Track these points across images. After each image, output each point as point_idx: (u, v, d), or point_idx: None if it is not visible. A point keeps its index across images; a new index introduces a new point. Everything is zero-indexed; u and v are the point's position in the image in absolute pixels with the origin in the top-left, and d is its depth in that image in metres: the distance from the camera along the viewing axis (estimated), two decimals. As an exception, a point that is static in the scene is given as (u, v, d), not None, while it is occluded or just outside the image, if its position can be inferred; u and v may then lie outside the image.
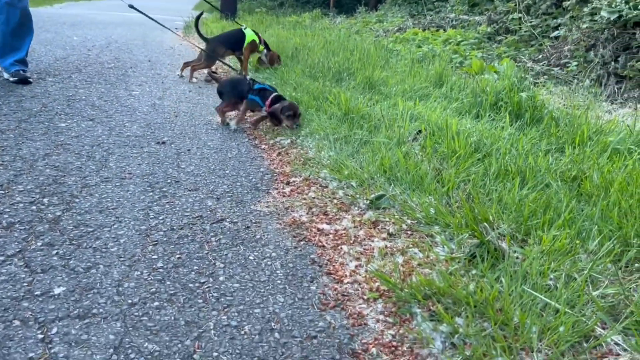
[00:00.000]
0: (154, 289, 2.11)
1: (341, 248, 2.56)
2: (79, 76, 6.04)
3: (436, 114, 4.57)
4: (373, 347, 1.87)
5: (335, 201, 3.07)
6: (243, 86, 4.60)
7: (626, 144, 3.91)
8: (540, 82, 7.19)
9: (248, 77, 4.76)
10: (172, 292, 2.11)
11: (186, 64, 6.65)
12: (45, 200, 2.85)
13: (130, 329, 1.86)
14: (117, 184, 3.15)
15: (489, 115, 4.91)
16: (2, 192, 2.87)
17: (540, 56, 8.42)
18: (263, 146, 4.15)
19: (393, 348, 1.87)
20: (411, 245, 2.53)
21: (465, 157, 3.41)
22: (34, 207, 2.74)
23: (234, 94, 4.64)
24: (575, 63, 7.60)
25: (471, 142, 3.61)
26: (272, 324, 1.96)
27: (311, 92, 5.28)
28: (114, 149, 3.77)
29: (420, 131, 4.05)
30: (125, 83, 5.96)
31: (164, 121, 4.64)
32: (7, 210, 2.67)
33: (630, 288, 2.04)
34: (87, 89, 5.47)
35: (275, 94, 4.44)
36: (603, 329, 1.87)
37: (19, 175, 3.12)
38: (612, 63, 7.38)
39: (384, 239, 2.63)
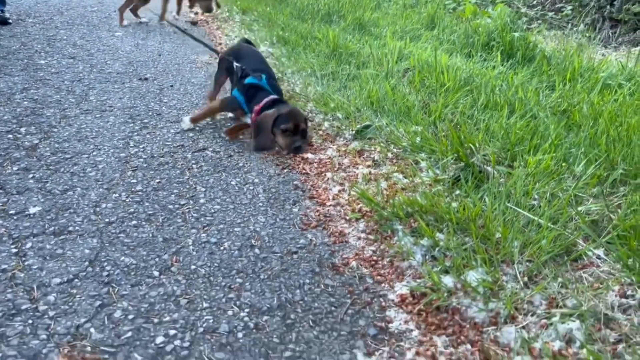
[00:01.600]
0: (132, 210, 2.07)
1: (325, 175, 2.52)
2: (61, 18, 5.86)
3: (426, 53, 4.46)
4: (353, 261, 1.85)
5: (320, 133, 3.02)
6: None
7: (617, 80, 3.85)
8: (534, 27, 7.04)
9: (230, 58, 3.25)
10: (150, 212, 2.07)
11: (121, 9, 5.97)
12: (22, 129, 2.77)
13: (106, 244, 1.83)
14: (97, 115, 3.07)
15: (481, 55, 4.81)
16: (-22, 122, 2.80)
17: (534, 2, 8.23)
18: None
19: (373, 262, 1.85)
20: (396, 171, 2.49)
21: (454, 90, 3.35)
22: (10, 136, 2.67)
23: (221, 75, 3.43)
24: (570, 7, 7.44)
25: (460, 76, 3.53)
26: (253, 241, 1.93)
27: (299, 32, 5.15)
28: (95, 84, 3.67)
29: (408, 69, 3.96)
30: (109, 25, 5.79)
31: (147, 60, 4.52)
32: (-17, 138, 2.61)
33: (614, 204, 2.02)
34: (68, 30, 5.30)
35: (273, 97, 2.85)
36: (585, 243, 1.85)
37: (-5, 107, 3.04)
38: (608, 7, 7.23)
39: (368, 166, 2.59)
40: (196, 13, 6.62)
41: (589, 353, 1.37)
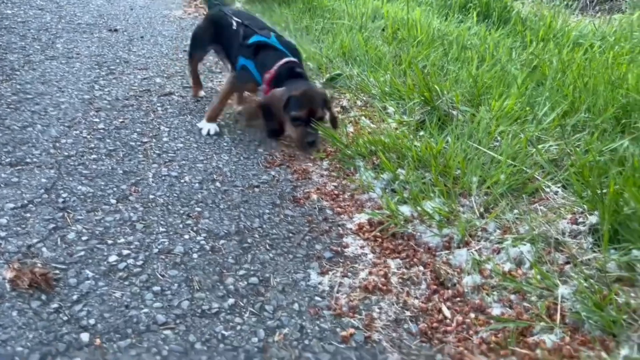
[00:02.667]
0: (92, 145, 2.05)
1: (293, 120, 2.50)
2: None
3: (403, 12, 4.43)
4: (314, 194, 1.85)
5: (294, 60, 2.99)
6: (227, 32, 2.39)
7: (589, 39, 3.88)
8: (513, -7, 7.03)
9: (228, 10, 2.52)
10: (111, 148, 2.04)
11: None
12: (-16, 72, 2.70)
13: (64, 175, 1.80)
14: (63, 61, 3.00)
15: (457, 16, 4.80)
16: (-63, 63, 2.72)
17: (515, -32, 8.19)
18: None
19: (334, 196, 1.86)
20: (364, 117, 2.49)
21: (426, 44, 3.33)
22: (-30, 78, 2.60)
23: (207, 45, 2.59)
24: (549, -26, 7.42)
25: (433, 31, 3.52)
26: (214, 176, 1.92)
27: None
28: (63, 33, 3.58)
29: (384, 29, 3.93)
30: None
31: (119, 13, 4.42)
32: (-58, 78, 2.54)
33: (574, 144, 2.04)
34: (37, -17, 5.15)
35: (288, 59, 2.19)
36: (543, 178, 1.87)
37: (-43, 51, 2.95)
38: (587, -26, 7.22)
39: (337, 112, 2.58)
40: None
41: (537, 272, 1.40)
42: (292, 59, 2.19)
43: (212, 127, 2.29)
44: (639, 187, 1.64)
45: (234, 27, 2.33)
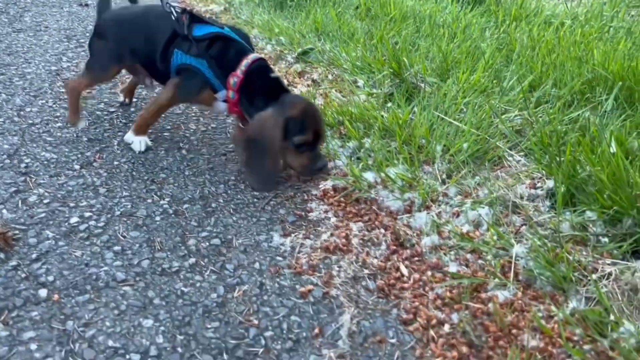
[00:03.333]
0: (58, 114, 2.03)
1: (263, 93, 2.50)
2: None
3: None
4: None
5: (263, 56, 2.98)
6: (160, 26, 1.75)
7: (561, 18, 3.92)
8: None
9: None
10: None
11: None
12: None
13: (28, 142, 1.79)
14: (31, 34, 2.95)
15: (433, -2, 4.80)
16: None
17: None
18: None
19: (300, 163, 1.87)
20: (334, 90, 2.50)
21: (399, 20, 3.34)
22: None
23: (128, 49, 1.82)
24: (526, -43, 7.44)
25: (406, 8, 3.53)
26: (181, 144, 1.92)
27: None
28: (31, 7, 3.52)
29: (357, 6, 3.93)
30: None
31: (90, -12, 4.34)
32: None
33: (537, 114, 2.08)
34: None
35: (256, 55, 1.72)
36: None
37: None
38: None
39: (307, 85, 2.59)
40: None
41: (493, 232, 1.43)
42: (260, 55, 1.71)
43: (142, 141, 1.83)
44: (595, 153, 1.69)
45: (174, 16, 1.71)
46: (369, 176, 1.72)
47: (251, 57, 1.66)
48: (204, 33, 1.67)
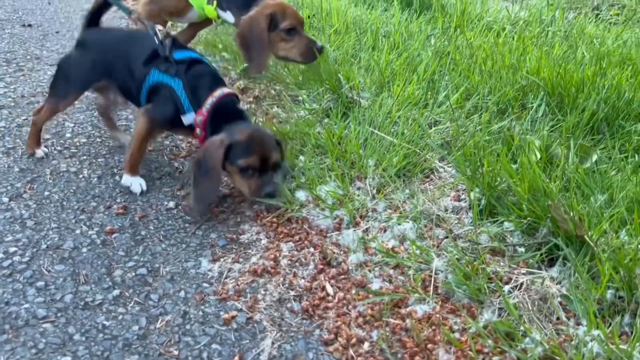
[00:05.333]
0: (-11, 144, 2.01)
1: (205, 112, 2.51)
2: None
3: (327, 2, 4.48)
4: (215, 184, 1.88)
5: (230, 90, 2.99)
6: (142, 46, 1.83)
7: (502, 24, 4.03)
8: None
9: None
10: (10, 146, 2.01)
11: None
12: None
13: (-46, 175, 1.77)
14: None
15: (382, 5, 4.88)
16: None
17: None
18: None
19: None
20: (275, 107, 2.53)
21: (342, 33, 3.39)
22: None
23: (108, 64, 1.86)
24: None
25: (350, 20, 3.59)
26: (115, 170, 1.92)
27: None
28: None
29: (309, 16, 3.96)
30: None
31: (35, 7, 4.29)
32: None
33: (466, 125, 2.14)
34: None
35: (225, 91, 1.79)
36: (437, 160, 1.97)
37: None
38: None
39: (249, 102, 2.61)
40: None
41: (415, 247, 1.48)
42: (227, 91, 1.77)
43: (138, 183, 1.80)
44: (516, 162, 1.76)
45: (158, 39, 1.78)
46: (301, 195, 1.75)
47: (217, 93, 1.73)
48: (183, 57, 1.78)
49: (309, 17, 3.99)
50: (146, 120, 1.75)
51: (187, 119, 1.75)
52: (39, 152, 1.95)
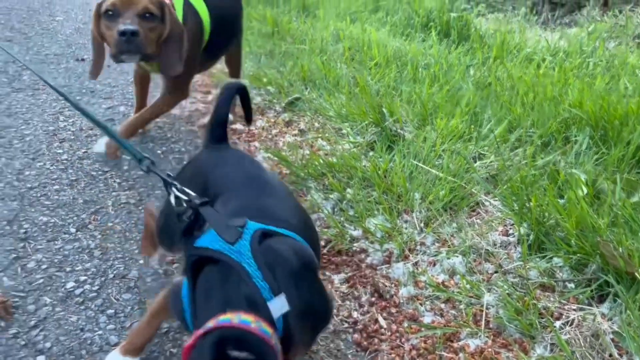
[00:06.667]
0: (55, 176, 2.13)
1: (252, 144, 2.61)
2: (-1, 3, 5.75)
3: (365, 34, 4.59)
4: (266, 216, 1.96)
5: (252, 106, 3.10)
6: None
7: (542, 54, 4.06)
8: (476, 10, 7.26)
9: None
10: (73, 178, 2.13)
11: None
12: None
13: (26, 206, 1.89)
14: (30, 94, 3.08)
15: (419, 35, 4.96)
16: None
17: (478, -14, 8.45)
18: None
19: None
20: (320, 139, 2.61)
21: (383, 65, 3.48)
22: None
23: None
24: (511, -9, 7.68)
25: (390, 53, 3.67)
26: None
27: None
28: (30, 65, 3.66)
29: (350, 48, 4.08)
30: (50, 10, 5.71)
31: (87, 42, 4.50)
32: None
33: (512, 160, 2.18)
34: (6, 15, 5.22)
35: (225, 323, 0.86)
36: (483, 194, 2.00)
37: None
38: (548, -10, 7.48)
39: (294, 135, 2.70)
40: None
41: (465, 282, 1.52)
42: (243, 323, 0.86)
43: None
44: (563, 197, 1.79)
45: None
46: (351, 228, 1.81)
47: (219, 321, 0.87)
48: (199, 246, 1.03)
49: (349, 48, 4.10)
50: (162, 303, 1.24)
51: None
52: (153, 260, 1.64)
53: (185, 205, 1.08)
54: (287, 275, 0.95)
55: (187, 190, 1.10)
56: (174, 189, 1.13)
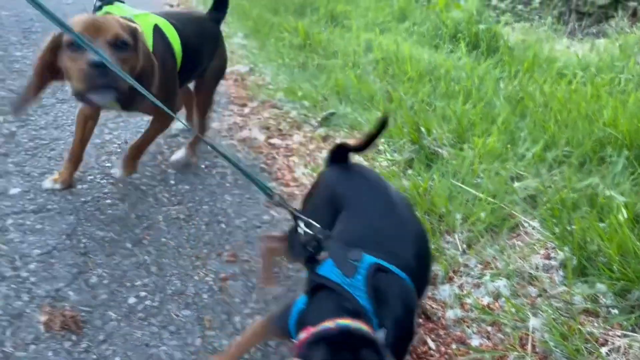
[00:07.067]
0: (106, 190, 2.22)
1: (291, 159, 2.68)
2: (34, 10, 5.89)
3: (395, 45, 4.64)
4: (311, 233, 2.02)
5: (288, 120, 3.18)
6: None
7: (573, 69, 4.07)
8: (504, 20, 7.26)
9: None
10: (124, 192, 2.22)
11: None
12: (0, 118, 2.88)
13: (82, 220, 1.97)
14: (73, 105, 3.18)
15: (447, 47, 4.99)
16: (-43, 111, 2.90)
17: (505, -6, 8.43)
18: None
19: (330, 234, 2.02)
20: (357, 156, 2.66)
21: (416, 80, 3.53)
22: (-11, 124, 2.78)
23: None
24: (538, 0, 7.67)
25: (422, 66, 3.72)
26: (219, 217, 2.10)
27: (271, 24, 5.30)
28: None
29: (378, 61, 4.14)
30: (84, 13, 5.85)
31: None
32: (-37, 126, 2.72)
33: (552, 181, 2.21)
34: (44, 22, 5.36)
35: (352, 325, 1.03)
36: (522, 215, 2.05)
37: (-26, 97, 3.14)
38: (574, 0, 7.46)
39: (332, 150, 2.76)
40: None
41: (510, 305, 1.56)
42: (365, 331, 1.02)
43: None
44: (604, 221, 1.82)
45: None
46: (394, 248, 1.86)
47: (335, 323, 1.03)
48: (321, 273, 1.18)
49: (379, 60, 4.16)
50: (265, 324, 1.35)
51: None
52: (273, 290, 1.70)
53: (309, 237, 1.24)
54: (392, 318, 1.08)
55: (312, 222, 1.25)
56: (300, 223, 1.27)
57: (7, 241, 1.80)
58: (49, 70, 1.76)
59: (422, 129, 2.52)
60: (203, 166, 2.53)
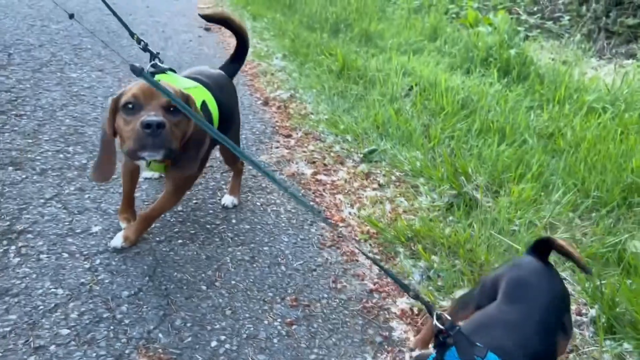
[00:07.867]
0: (176, 229, 2.46)
1: (337, 197, 2.90)
2: (78, 24, 6.17)
3: (428, 69, 4.83)
4: (362, 278, 2.25)
5: (332, 154, 3.40)
6: None
7: (602, 102, 4.22)
8: (533, 36, 7.38)
9: None
10: (192, 231, 2.46)
11: None
12: (70, 148, 3.15)
13: (160, 261, 2.22)
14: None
15: (479, 70, 5.16)
16: (31, 141, 3.17)
17: (535, 8, 8.52)
18: (263, 99, 4.43)
19: (379, 280, 2.25)
20: (398, 195, 2.88)
21: (452, 114, 3.72)
22: (61, 155, 3.05)
23: None
24: (567, 17, 7.76)
25: (459, 100, 3.91)
26: (279, 259, 2.33)
27: (308, 43, 5.51)
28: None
29: (412, 87, 4.34)
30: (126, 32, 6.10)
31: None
32: (38, 158, 2.99)
33: (582, 233, 2.41)
34: (90, 38, 5.63)
35: None
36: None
37: (42, 125, 3.41)
38: (604, 18, 7.55)
39: (374, 189, 2.98)
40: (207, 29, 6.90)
41: (546, 360, 1.77)
42: None
43: None
44: (632, 279, 2.01)
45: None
46: (440, 297, 2.08)
47: None
48: None
49: (412, 86, 4.35)
50: None
51: None
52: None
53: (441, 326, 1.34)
54: None
55: (445, 315, 1.36)
56: (435, 318, 1.37)
57: (99, 281, 2.05)
58: (114, 133, 1.91)
59: (464, 179, 2.71)
60: (258, 203, 2.76)
